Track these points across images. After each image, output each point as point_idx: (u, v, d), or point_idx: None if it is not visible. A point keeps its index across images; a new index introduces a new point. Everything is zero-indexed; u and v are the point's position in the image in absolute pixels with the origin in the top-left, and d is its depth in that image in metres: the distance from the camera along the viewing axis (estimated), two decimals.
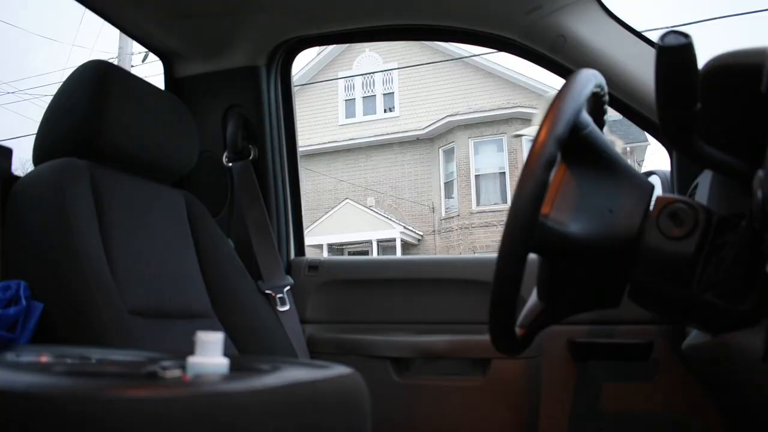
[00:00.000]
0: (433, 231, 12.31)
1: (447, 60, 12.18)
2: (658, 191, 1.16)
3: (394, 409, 1.31)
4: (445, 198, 12.36)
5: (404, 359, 1.34)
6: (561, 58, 1.30)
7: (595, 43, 1.24)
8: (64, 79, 1.19)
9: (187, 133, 1.33)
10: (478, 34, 1.41)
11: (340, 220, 12.04)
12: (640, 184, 0.75)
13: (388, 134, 12.57)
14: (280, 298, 1.45)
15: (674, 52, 0.61)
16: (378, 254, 11.82)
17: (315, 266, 1.51)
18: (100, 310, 0.97)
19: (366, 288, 1.47)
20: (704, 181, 0.86)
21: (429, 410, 1.30)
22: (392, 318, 1.43)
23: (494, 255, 0.69)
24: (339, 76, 13.27)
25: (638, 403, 1.24)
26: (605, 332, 1.25)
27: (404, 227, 12.03)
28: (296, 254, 1.60)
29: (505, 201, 11.39)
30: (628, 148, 11.72)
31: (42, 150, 1.16)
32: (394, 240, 11.92)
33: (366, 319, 1.44)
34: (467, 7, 1.35)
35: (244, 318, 1.33)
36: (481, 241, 11.46)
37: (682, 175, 1.18)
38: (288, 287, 1.48)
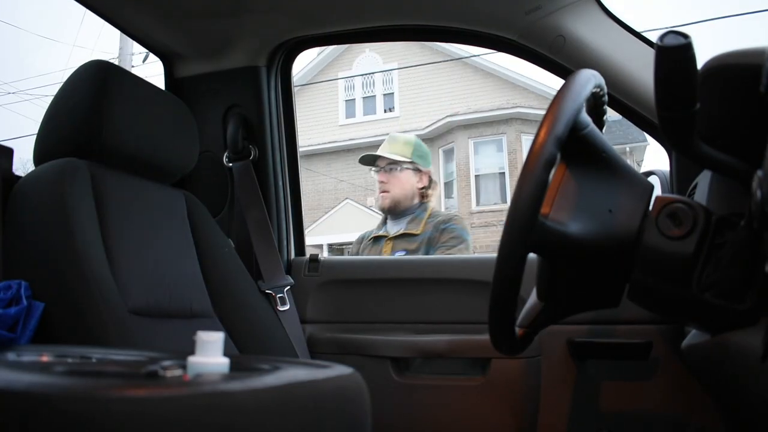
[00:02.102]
0: None
1: (447, 60, 12.17)
2: (657, 191, 1.16)
3: (394, 408, 1.31)
4: (445, 198, 12.35)
5: (404, 359, 1.34)
6: (560, 58, 1.30)
7: (595, 43, 1.24)
8: (64, 79, 1.19)
9: (187, 133, 1.33)
10: (477, 35, 1.41)
11: (340, 220, 12.04)
12: (640, 184, 0.75)
13: (388, 134, 12.56)
14: (280, 297, 1.45)
15: (674, 53, 0.61)
16: None
17: (315, 266, 1.51)
18: (100, 309, 0.97)
19: (366, 288, 1.47)
20: (703, 181, 0.87)
21: (429, 410, 1.30)
22: (392, 318, 1.43)
23: (494, 255, 0.70)
24: (339, 77, 13.27)
25: (637, 403, 1.24)
26: (604, 332, 1.26)
27: None
28: (296, 254, 1.60)
29: (504, 201, 11.39)
30: (627, 149, 11.73)
31: (43, 150, 1.16)
32: None
33: (366, 319, 1.44)
34: (466, 7, 1.35)
35: (244, 318, 1.33)
36: (480, 241, 11.45)
37: (681, 176, 1.18)
38: (288, 287, 1.48)
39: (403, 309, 1.43)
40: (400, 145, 2.17)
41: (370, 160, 2.22)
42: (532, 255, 0.69)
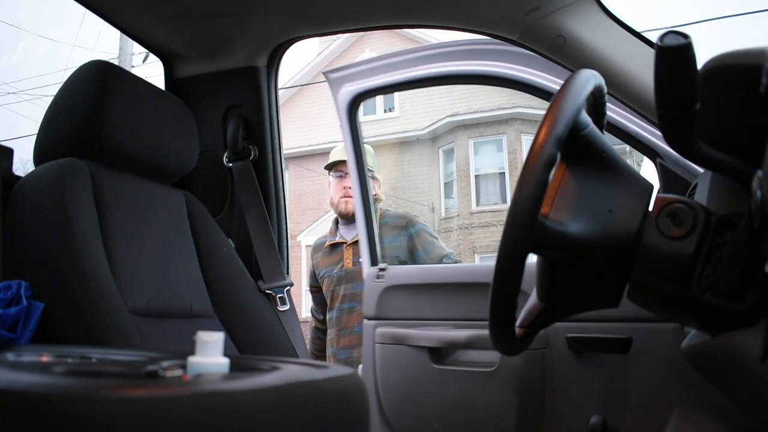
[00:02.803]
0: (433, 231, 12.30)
1: None
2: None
3: (431, 389, 1.49)
4: (445, 198, 12.35)
5: (437, 348, 1.50)
6: (560, 58, 1.30)
7: (595, 43, 1.24)
8: (64, 79, 1.19)
9: (187, 133, 1.33)
10: (477, 35, 1.41)
11: None
12: (640, 184, 0.75)
13: (388, 134, 12.57)
14: (280, 297, 1.45)
15: (673, 53, 0.61)
16: None
17: (382, 274, 1.68)
18: (100, 309, 0.97)
19: (420, 291, 1.62)
20: (703, 181, 0.87)
21: (455, 391, 1.46)
22: (438, 315, 1.58)
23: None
24: None
25: (629, 392, 1.31)
26: (606, 329, 1.32)
27: None
28: (371, 264, 1.74)
29: (504, 201, 11.39)
30: (627, 149, 11.73)
31: (43, 150, 1.16)
32: None
33: (418, 316, 1.61)
34: (466, 7, 1.35)
35: (245, 318, 1.33)
36: (481, 241, 11.45)
37: (667, 186, 1.23)
38: (288, 287, 1.48)
39: (447, 308, 1.57)
40: None
41: (337, 166, 2.33)
42: (532, 255, 0.69)
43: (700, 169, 1.12)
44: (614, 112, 1.39)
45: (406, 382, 1.51)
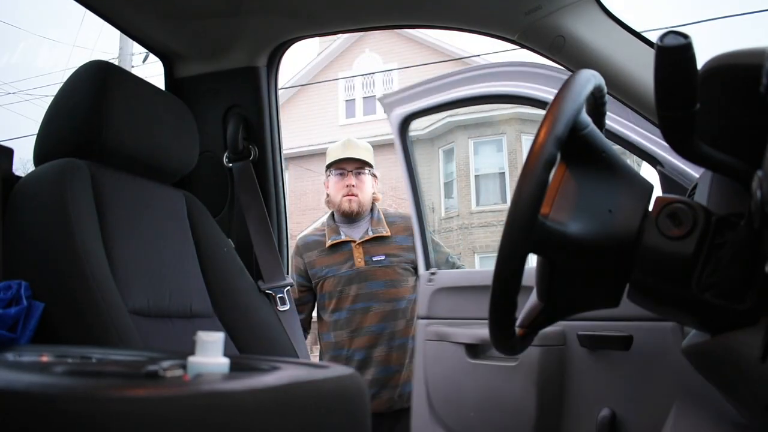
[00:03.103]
0: (433, 231, 12.30)
1: (447, 60, 12.16)
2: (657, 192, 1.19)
3: (465, 381, 1.61)
4: (445, 198, 12.35)
5: (472, 344, 1.61)
6: (560, 58, 1.30)
7: (595, 43, 1.24)
8: (65, 79, 1.20)
9: (187, 133, 1.33)
10: (477, 35, 1.41)
11: None
12: (640, 184, 0.75)
13: (388, 134, 12.55)
14: (280, 297, 1.45)
15: (673, 53, 0.61)
16: None
17: (432, 277, 1.80)
18: (100, 309, 0.97)
19: (465, 293, 1.73)
20: (704, 181, 0.87)
21: (484, 383, 1.58)
22: (480, 315, 1.63)
23: None
24: (339, 77, 13.26)
25: (638, 387, 1.35)
26: (613, 327, 1.36)
27: None
28: (425, 268, 1.84)
29: (504, 201, 11.39)
30: None
31: (43, 150, 1.16)
32: None
33: (463, 316, 1.72)
34: (466, 7, 1.35)
35: (245, 318, 1.33)
36: (480, 241, 11.46)
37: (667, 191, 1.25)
38: (288, 287, 1.48)
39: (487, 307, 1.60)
40: (363, 151, 2.26)
41: (338, 164, 2.25)
42: (532, 255, 0.69)
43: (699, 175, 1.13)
44: (614, 120, 1.39)
45: (447, 375, 1.64)
